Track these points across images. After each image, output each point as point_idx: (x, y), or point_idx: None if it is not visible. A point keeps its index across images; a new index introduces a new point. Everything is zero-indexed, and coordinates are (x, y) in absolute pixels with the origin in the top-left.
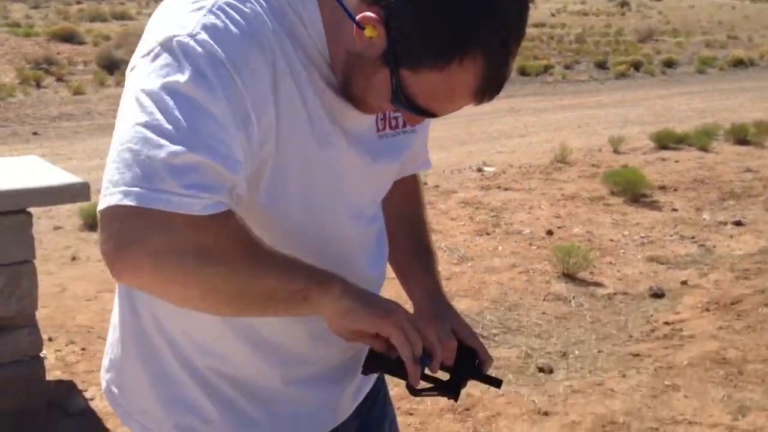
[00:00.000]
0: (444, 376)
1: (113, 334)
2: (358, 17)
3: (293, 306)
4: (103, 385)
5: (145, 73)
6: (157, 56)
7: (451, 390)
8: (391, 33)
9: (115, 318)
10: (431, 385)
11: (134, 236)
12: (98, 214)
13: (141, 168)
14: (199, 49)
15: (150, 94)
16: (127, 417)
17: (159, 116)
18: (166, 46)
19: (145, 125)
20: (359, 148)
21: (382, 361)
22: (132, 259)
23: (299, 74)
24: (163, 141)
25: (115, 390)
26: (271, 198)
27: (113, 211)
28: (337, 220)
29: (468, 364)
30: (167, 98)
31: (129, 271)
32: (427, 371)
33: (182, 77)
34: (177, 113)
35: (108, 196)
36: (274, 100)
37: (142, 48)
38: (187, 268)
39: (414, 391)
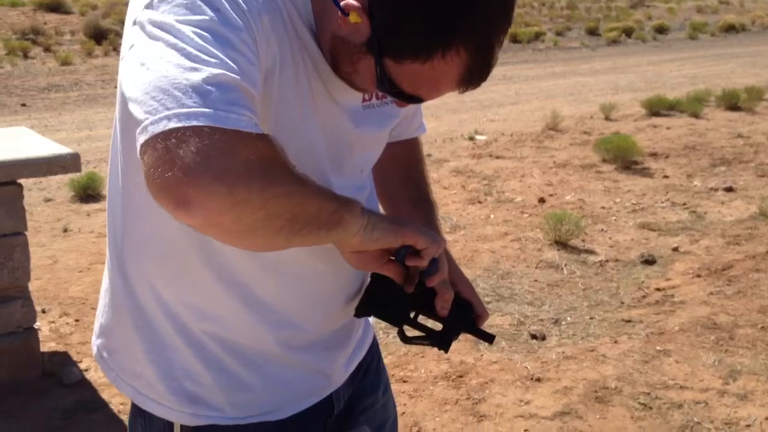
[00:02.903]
0: (437, 327)
1: (103, 299)
2: (342, 3)
3: (329, 230)
4: (94, 350)
5: (156, 16)
6: (163, 0)
7: (442, 341)
8: (374, 22)
9: (105, 283)
10: (423, 333)
11: (206, 158)
12: (144, 148)
13: (185, 92)
14: None
15: (169, 29)
16: (120, 381)
17: (183, 45)
18: None
19: (173, 55)
20: (346, 116)
21: (375, 305)
22: (206, 181)
23: (303, 35)
24: (197, 64)
25: (105, 355)
26: None
27: (174, 135)
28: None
29: (463, 317)
30: (187, 29)
31: (202, 195)
32: (420, 320)
33: (197, 11)
34: (202, 41)
35: (156, 124)
36: (278, 44)
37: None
38: (256, 190)
39: (405, 339)
